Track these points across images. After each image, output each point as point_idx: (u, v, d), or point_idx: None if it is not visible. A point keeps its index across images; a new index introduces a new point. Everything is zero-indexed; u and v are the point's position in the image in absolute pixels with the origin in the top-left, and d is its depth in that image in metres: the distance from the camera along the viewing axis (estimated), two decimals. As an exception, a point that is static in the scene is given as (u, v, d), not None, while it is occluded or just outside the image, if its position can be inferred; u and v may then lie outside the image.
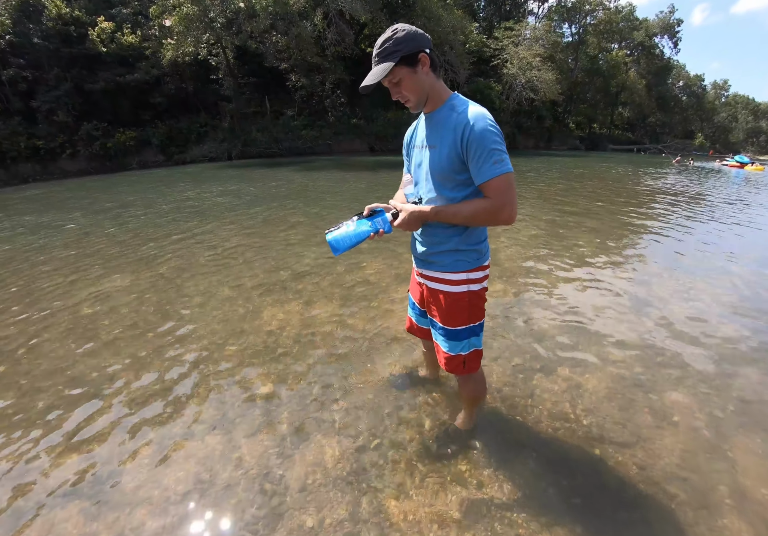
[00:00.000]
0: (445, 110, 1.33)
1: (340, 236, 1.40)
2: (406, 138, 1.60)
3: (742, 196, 10.64)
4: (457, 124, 1.25)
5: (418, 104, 1.33)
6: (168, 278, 3.94)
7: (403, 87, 1.29)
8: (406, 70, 1.25)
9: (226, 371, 2.40)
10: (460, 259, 1.42)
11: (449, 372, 1.60)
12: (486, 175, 1.22)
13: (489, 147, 1.21)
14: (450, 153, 1.28)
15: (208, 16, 19.77)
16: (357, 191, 9.50)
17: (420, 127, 1.48)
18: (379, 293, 3.42)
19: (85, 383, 2.32)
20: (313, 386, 2.23)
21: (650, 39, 49.76)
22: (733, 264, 4.44)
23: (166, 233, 5.68)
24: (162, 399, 2.17)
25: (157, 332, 2.88)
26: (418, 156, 1.45)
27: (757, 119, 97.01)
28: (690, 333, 2.86)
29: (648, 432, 1.93)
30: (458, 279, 1.44)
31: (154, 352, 2.63)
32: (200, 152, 21.85)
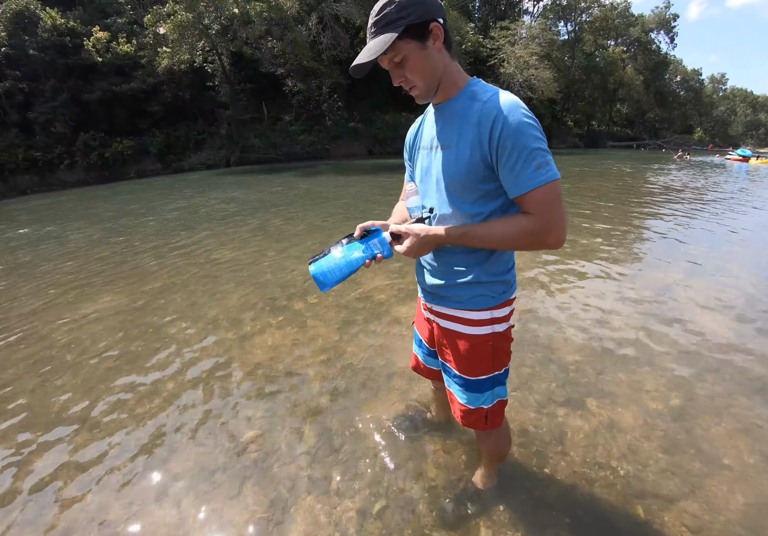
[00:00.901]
0: (463, 100, 1.02)
1: (327, 268, 1.09)
2: (408, 138, 1.28)
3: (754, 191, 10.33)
4: (482, 117, 0.94)
5: (428, 92, 1.02)
6: (153, 297, 3.68)
7: (409, 68, 0.97)
8: (412, 44, 0.94)
9: (207, 413, 2.11)
10: (482, 293, 1.12)
11: (467, 427, 1.31)
12: (527, 184, 0.93)
13: (530, 146, 0.91)
14: (472, 156, 0.98)
15: (203, 23, 19.68)
16: (358, 196, 9.25)
17: (427, 122, 1.17)
18: (381, 315, 3.13)
19: (52, 424, 2.07)
20: (306, 433, 1.93)
21: (646, 35, 49.50)
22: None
23: (156, 247, 5.45)
24: (129, 450, 1.88)
25: (134, 365, 2.60)
26: (426, 159, 1.14)
27: (756, 112, 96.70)
28: (729, 354, 2.60)
29: (697, 480, 1.65)
30: (480, 319, 1.14)
31: (124, 389, 2.36)
32: (198, 159, 21.71)
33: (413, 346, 1.57)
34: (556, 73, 32.86)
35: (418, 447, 1.81)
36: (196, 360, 2.60)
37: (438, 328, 1.28)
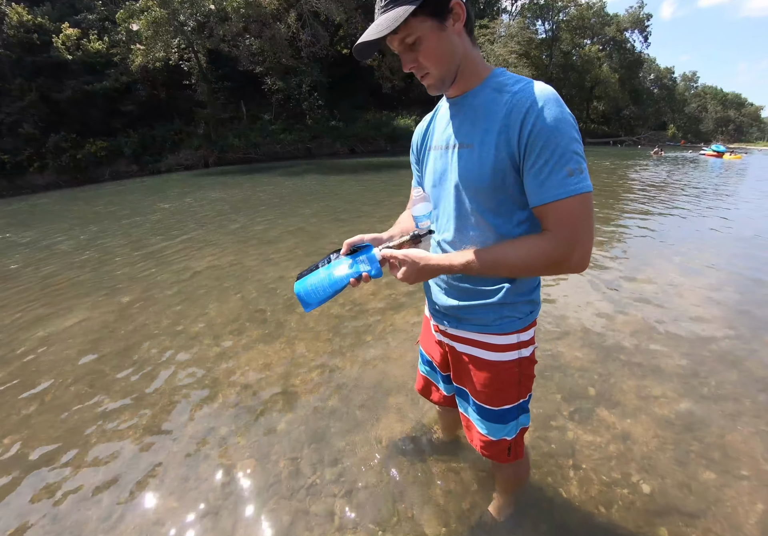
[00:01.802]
0: (487, 92, 0.88)
1: (311, 287, 0.99)
2: (415, 138, 1.13)
3: (731, 186, 10.57)
4: (512, 109, 0.80)
5: (443, 81, 0.87)
6: (128, 312, 3.41)
7: (423, 51, 0.82)
8: (429, 23, 0.80)
9: (190, 442, 1.91)
10: (508, 315, 0.99)
11: (486, 458, 1.19)
12: (553, 192, 0.78)
13: (564, 147, 0.77)
14: (498, 155, 0.83)
15: (178, 20, 19.18)
16: (342, 196, 9.08)
17: (440, 119, 1.02)
18: (374, 324, 2.97)
19: (17, 463, 1.88)
20: (302, 462, 1.76)
21: (621, 34, 50.56)
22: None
23: (131, 255, 5.17)
24: (99, 488, 1.69)
25: (107, 390, 2.37)
26: (439, 161, 0.98)
27: (726, 109, 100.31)
28: (728, 354, 2.57)
29: (716, 493, 1.58)
30: (506, 343, 1.02)
31: (95, 417, 2.13)
32: (176, 160, 21.16)
33: (419, 366, 1.42)
34: (534, 72, 33.23)
35: (425, 472, 1.68)
36: (176, 383, 2.40)
37: (454, 352, 1.14)
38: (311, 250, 4.83)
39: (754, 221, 6.61)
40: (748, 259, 4.49)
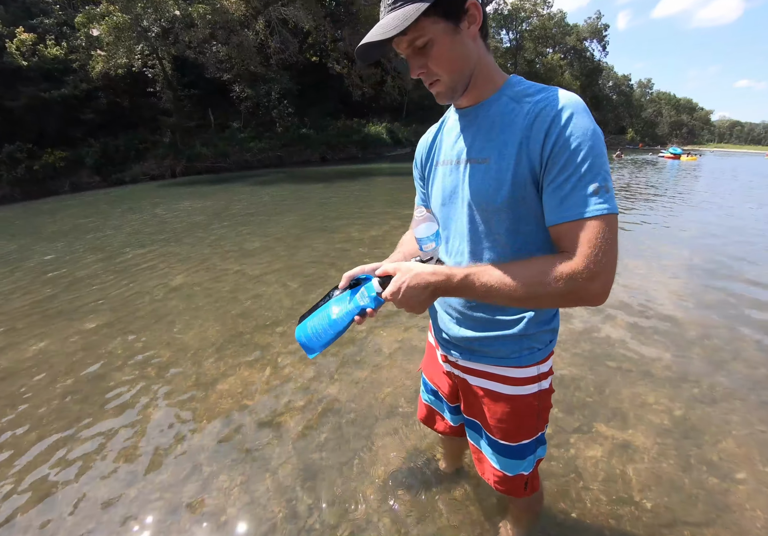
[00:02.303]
0: (503, 101, 0.80)
1: (312, 330, 0.90)
2: (420, 151, 1.04)
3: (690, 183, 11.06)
4: (535, 119, 0.73)
5: (454, 89, 0.79)
6: (93, 339, 3.09)
7: (434, 56, 0.74)
8: (442, 25, 0.72)
9: (170, 488, 1.70)
10: (529, 346, 0.91)
11: (500, 493, 1.10)
12: (575, 210, 0.69)
13: (593, 162, 0.69)
14: (518, 169, 0.75)
15: (141, 25, 18.61)
16: (318, 205, 8.94)
17: (448, 131, 0.94)
18: (361, 344, 2.82)
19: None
20: (298, 504, 1.60)
21: (581, 43, 52.92)
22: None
23: (96, 274, 4.83)
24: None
25: (73, 430, 2.12)
26: (449, 178, 0.89)
27: (679, 113, 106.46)
28: (714, 356, 2.62)
29: (720, 500, 1.58)
30: (526, 377, 0.93)
31: (59, 464, 1.87)
32: (141, 170, 20.41)
33: (422, 395, 1.33)
34: (501, 79, 34.12)
35: (431, 507, 1.56)
36: (149, 418, 2.16)
37: (465, 385, 1.04)
38: (291, 262, 4.67)
39: (718, 219, 6.91)
40: (717, 257, 4.66)
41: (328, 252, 5.00)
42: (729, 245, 5.37)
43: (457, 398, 1.13)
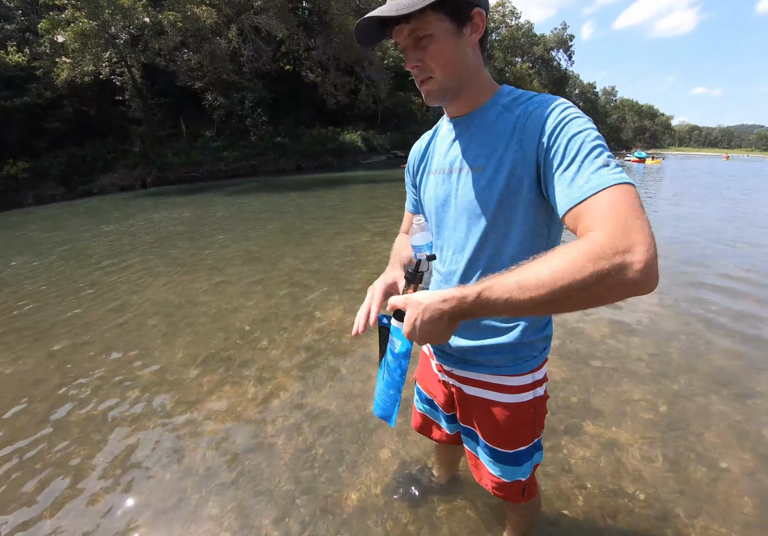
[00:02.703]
0: (496, 110, 0.80)
1: (379, 399, 0.91)
2: (412, 158, 1.04)
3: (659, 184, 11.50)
4: (527, 120, 0.73)
5: (445, 90, 0.79)
6: (61, 362, 2.85)
7: (431, 52, 0.74)
8: (447, 24, 0.73)
9: (156, 516, 1.60)
10: (524, 355, 0.91)
11: (499, 498, 1.10)
12: (589, 185, 0.62)
13: (592, 141, 0.66)
14: (513, 173, 0.75)
15: (109, 32, 18.15)
16: (296, 215, 8.85)
17: (440, 140, 0.94)
18: (347, 354, 2.75)
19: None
20: (288, 522, 1.54)
21: (548, 52, 54.91)
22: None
23: (64, 289, 4.62)
24: None
25: (44, 464, 1.95)
26: (442, 187, 0.89)
27: (642, 119, 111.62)
28: (689, 351, 2.71)
29: (707, 490, 1.63)
30: (522, 385, 0.93)
31: (30, 499, 1.73)
32: (109, 180, 19.78)
33: (416, 404, 1.31)
34: (472, 87, 34.92)
35: (429, 516, 1.54)
36: (128, 443, 2.01)
37: (461, 394, 1.04)
38: (272, 274, 4.57)
39: (684, 218, 7.20)
40: (686, 254, 4.84)
41: (308, 262, 4.93)
42: (697, 242, 5.60)
43: (453, 407, 1.12)
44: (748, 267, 4.48)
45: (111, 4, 17.00)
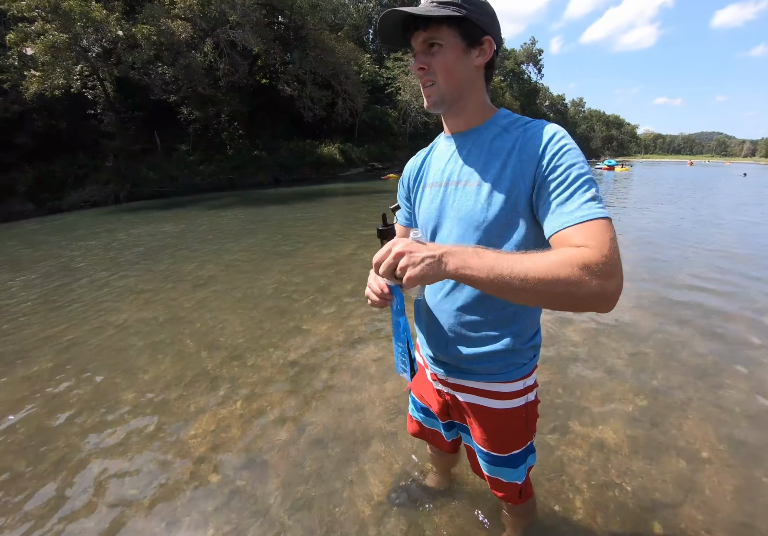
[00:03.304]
0: (493, 130, 0.88)
1: (395, 357, 1.00)
2: (408, 173, 1.09)
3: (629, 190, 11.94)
4: (526, 142, 0.80)
5: (443, 98, 0.86)
6: (39, 385, 2.72)
7: (438, 59, 0.83)
8: (458, 40, 0.82)
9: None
10: (514, 362, 0.96)
11: (498, 498, 1.16)
12: (579, 213, 0.70)
13: (586, 176, 0.74)
14: (511, 191, 0.81)
15: (81, 45, 17.81)
16: (276, 229, 8.80)
17: (437, 155, 0.99)
18: (337, 368, 2.71)
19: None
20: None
21: (519, 66, 56.89)
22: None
23: (37, 309, 4.45)
24: None
25: (22, 487, 1.89)
26: (437, 199, 0.94)
27: (609, 128, 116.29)
28: (664, 348, 2.84)
29: (691, 479, 1.72)
30: (513, 391, 0.98)
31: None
32: (80, 196, 19.19)
33: (412, 413, 1.34)
34: (447, 100, 35.67)
35: (428, 523, 1.55)
36: (114, 471, 1.91)
37: (455, 401, 1.08)
38: (254, 290, 4.52)
39: (656, 223, 7.52)
40: (656, 258, 5.05)
41: (293, 275, 4.91)
42: (668, 246, 5.85)
43: (448, 414, 1.16)
44: (714, 268, 4.72)
45: (83, 17, 16.72)
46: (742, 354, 2.75)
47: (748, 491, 1.66)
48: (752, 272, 4.57)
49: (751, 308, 3.54)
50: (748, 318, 3.33)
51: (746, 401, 2.25)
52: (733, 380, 2.46)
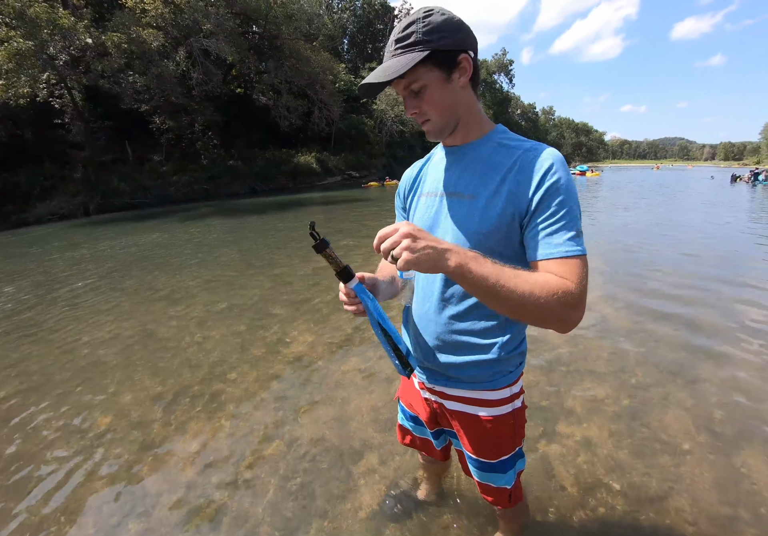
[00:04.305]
0: (489, 145, 0.89)
1: (393, 362, 0.91)
2: (405, 182, 1.10)
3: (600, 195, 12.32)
4: (525, 167, 0.81)
5: (442, 130, 0.88)
6: (7, 410, 2.56)
7: (426, 100, 0.83)
8: (436, 73, 0.80)
9: None
10: (501, 370, 0.97)
11: (488, 502, 1.17)
12: (563, 248, 0.76)
13: (575, 211, 0.79)
14: (504, 209, 0.82)
15: (47, 53, 17.28)
16: (254, 239, 8.71)
17: (434, 166, 1.01)
18: (323, 380, 2.68)
19: None
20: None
21: (491, 76, 58.45)
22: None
23: (7, 327, 4.32)
24: None
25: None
26: (432, 209, 0.95)
27: (578, 135, 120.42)
28: (645, 345, 2.93)
29: (673, 472, 1.78)
30: (500, 398, 1.00)
31: None
32: (47, 209, 18.45)
33: (401, 421, 1.33)
34: (423, 109, 36.20)
35: (421, 532, 1.54)
36: (86, 498, 1.81)
37: (443, 409, 1.09)
38: (234, 302, 4.42)
39: (627, 226, 7.78)
40: (628, 260, 5.23)
41: (272, 288, 4.83)
42: (640, 248, 6.06)
43: (437, 422, 1.17)
44: (684, 269, 4.91)
45: (50, 24, 16.28)
46: (714, 350, 2.87)
47: (729, 480, 1.72)
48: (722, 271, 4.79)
49: (722, 306, 3.70)
50: (720, 315, 3.48)
51: (720, 393, 2.35)
52: (707, 374, 2.56)
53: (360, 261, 5.80)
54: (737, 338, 3.04)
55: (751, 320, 3.38)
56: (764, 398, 2.30)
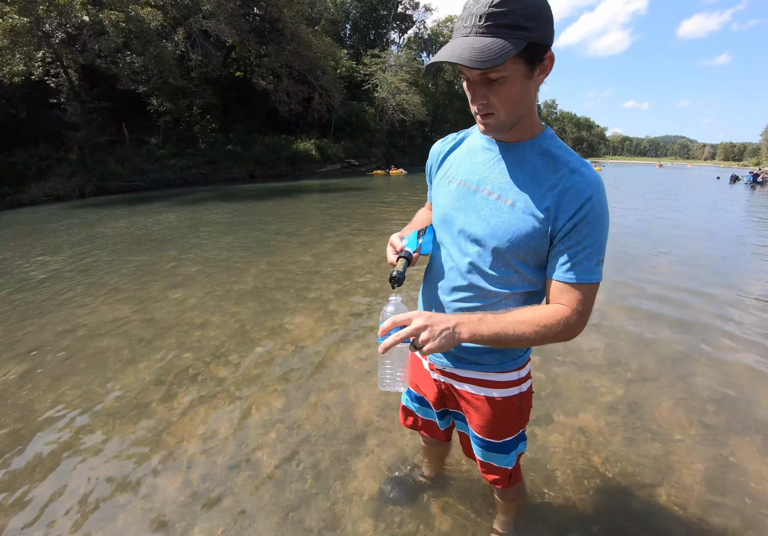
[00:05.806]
0: (533, 151, 0.86)
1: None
2: (435, 153, 1.06)
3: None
4: (568, 191, 0.81)
5: (504, 126, 0.82)
6: (5, 392, 2.52)
7: (501, 93, 0.75)
8: (521, 67, 0.72)
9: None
10: (510, 354, 1.02)
11: (488, 482, 1.22)
12: (583, 275, 0.83)
13: (602, 240, 0.83)
14: (540, 226, 0.83)
15: (43, 30, 16.92)
16: (253, 225, 8.65)
17: (470, 151, 0.96)
18: (324, 365, 2.70)
19: None
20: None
21: (493, 67, 57.64)
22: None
23: (4, 311, 4.32)
24: None
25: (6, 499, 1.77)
26: (463, 200, 0.93)
27: (580, 130, 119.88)
28: (642, 338, 3.00)
29: (665, 461, 1.85)
30: (508, 380, 1.04)
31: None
32: (42, 190, 18.23)
33: (405, 402, 1.36)
34: (423, 98, 35.83)
35: (423, 512, 1.58)
36: (99, 479, 1.81)
37: (452, 389, 1.12)
38: (234, 287, 4.42)
39: (630, 225, 7.83)
40: (626, 257, 5.28)
41: (273, 273, 4.85)
42: (636, 244, 6.11)
43: (443, 403, 1.21)
44: (683, 267, 4.97)
45: (46, 0, 15.91)
46: (707, 345, 2.94)
47: (718, 470, 1.79)
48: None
49: (714, 302, 3.77)
50: (713, 311, 3.55)
51: (712, 387, 2.42)
52: (700, 368, 2.63)
53: (360, 249, 5.85)
54: (731, 335, 3.12)
55: (744, 320, 3.46)
56: (753, 393, 2.38)
